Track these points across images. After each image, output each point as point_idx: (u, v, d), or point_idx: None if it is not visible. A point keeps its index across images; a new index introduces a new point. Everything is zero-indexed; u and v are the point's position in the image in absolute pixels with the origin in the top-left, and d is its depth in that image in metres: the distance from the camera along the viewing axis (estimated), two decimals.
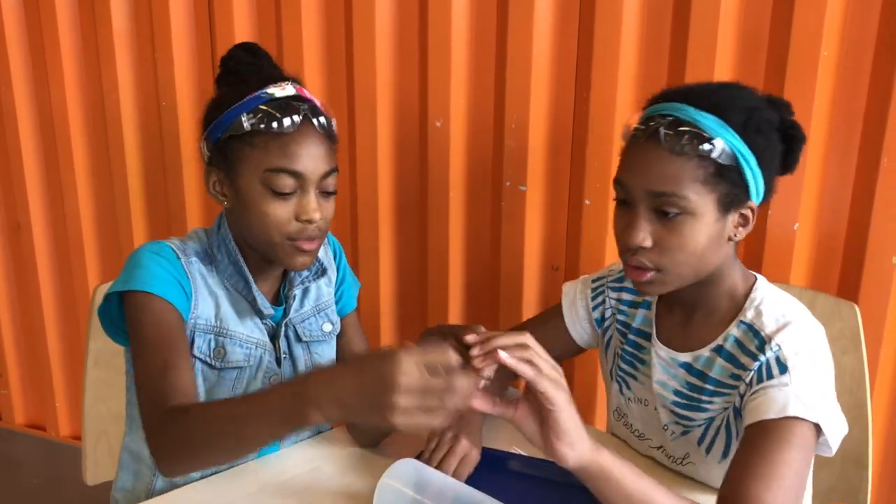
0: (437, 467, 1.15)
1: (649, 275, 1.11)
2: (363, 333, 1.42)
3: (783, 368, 1.07)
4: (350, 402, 0.88)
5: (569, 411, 0.95)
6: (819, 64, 1.44)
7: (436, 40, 1.72)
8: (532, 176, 1.72)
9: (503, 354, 0.93)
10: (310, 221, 1.15)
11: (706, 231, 1.08)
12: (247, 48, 1.25)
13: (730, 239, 1.11)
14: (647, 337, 1.27)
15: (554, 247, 1.78)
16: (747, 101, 1.09)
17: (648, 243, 1.08)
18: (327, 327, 1.34)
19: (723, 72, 1.51)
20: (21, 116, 2.24)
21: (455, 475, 1.15)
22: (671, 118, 1.07)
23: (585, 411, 1.83)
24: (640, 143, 1.09)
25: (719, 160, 1.05)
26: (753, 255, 1.56)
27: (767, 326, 1.11)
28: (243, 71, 1.20)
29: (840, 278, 1.54)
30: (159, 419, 1.03)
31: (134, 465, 1.28)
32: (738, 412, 1.12)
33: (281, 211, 1.14)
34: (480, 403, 0.98)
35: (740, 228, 1.12)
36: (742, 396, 1.11)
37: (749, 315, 1.14)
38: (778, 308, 1.14)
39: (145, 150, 2.12)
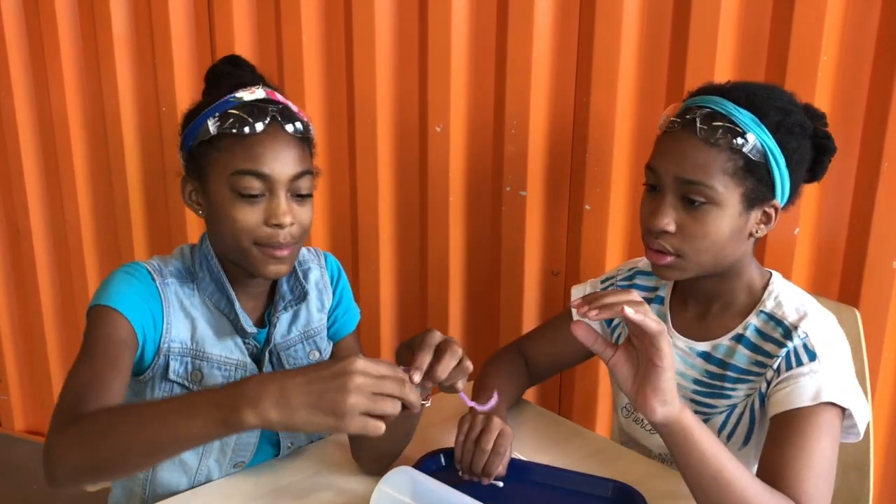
0: (476, 446, 1.14)
1: (669, 259, 1.14)
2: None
3: (812, 355, 1.11)
4: (295, 403, 0.85)
5: (672, 371, 0.97)
6: (819, 68, 1.43)
7: (436, 45, 1.71)
8: (532, 181, 1.72)
9: (629, 311, 0.93)
10: (279, 226, 1.10)
11: (729, 223, 1.12)
12: (230, 60, 1.22)
13: (751, 235, 1.16)
14: None
15: (554, 252, 1.77)
16: (784, 104, 1.14)
17: (672, 228, 1.12)
18: (314, 356, 1.28)
19: (723, 77, 1.50)
20: (21, 121, 2.24)
21: (495, 449, 1.14)
22: (708, 110, 1.11)
23: (586, 412, 1.83)
24: (676, 131, 1.13)
25: (750, 155, 1.09)
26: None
27: (789, 316, 1.16)
28: (223, 82, 1.17)
29: (841, 283, 1.54)
30: (60, 423, 0.96)
31: (126, 480, 1.26)
32: (763, 398, 1.15)
33: (249, 216, 1.10)
34: (583, 334, 1.00)
35: (762, 226, 1.16)
36: (769, 383, 1.14)
37: (769, 305, 1.19)
38: (796, 299, 1.19)
39: (145, 155, 2.12)
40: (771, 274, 1.22)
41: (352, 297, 1.36)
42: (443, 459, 1.22)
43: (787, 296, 1.19)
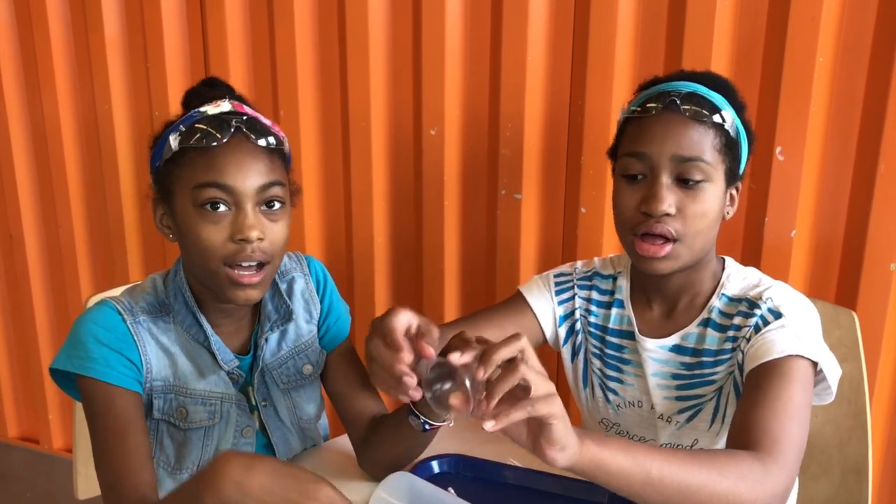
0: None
1: (668, 248, 1.13)
2: (359, 363, 1.29)
3: (777, 315, 1.13)
4: (253, 494, 0.84)
5: (564, 421, 0.90)
6: (815, 70, 1.43)
7: (430, 48, 1.71)
8: (527, 184, 1.71)
9: (486, 424, 0.85)
10: (246, 240, 1.04)
11: (718, 202, 1.15)
12: (208, 82, 1.18)
13: (723, 217, 1.18)
14: (629, 335, 1.27)
15: (550, 255, 1.77)
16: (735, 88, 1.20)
17: (673, 211, 1.12)
18: (307, 369, 1.25)
19: None
20: (13, 127, 2.23)
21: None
22: (686, 92, 1.13)
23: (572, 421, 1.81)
24: (657, 114, 1.13)
25: (730, 132, 1.13)
26: (751, 262, 1.54)
27: (750, 292, 1.18)
28: (198, 105, 1.13)
29: (838, 286, 1.53)
30: None
31: None
32: (741, 368, 1.15)
33: (214, 233, 1.04)
34: (460, 404, 0.90)
35: (730, 207, 1.19)
36: (743, 353, 1.14)
37: (728, 287, 1.21)
38: (753, 276, 1.23)
39: (138, 160, 2.11)
40: (724, 258, 1.25)
41: (340, 300, 1.32)
42: (440, 465, 1.22)
43: (743, 274, 1.23)
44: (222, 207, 1.04)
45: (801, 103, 1.45)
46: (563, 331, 1.33)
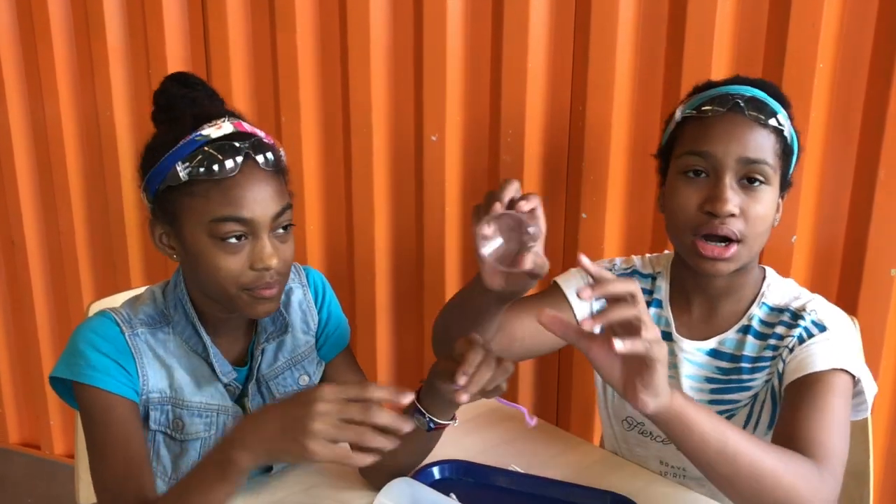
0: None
1: (733, 249, 1.13)
2: (359, 372, 1.31)
3: (822, 328, 1.14)
4: (272, 437, 0.89)
5: (664, 368, 0.91)
6: (815, 76, 1.43)
7: (431, 54, 1.71)
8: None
9: (617, 343, 0.86)
10: (266, 269, 1.06)
11: (774, 206, 1.16)
12: (179, 79, 1.15)
13: (772, 224, 1.18)
14: (666, 336, 1.27)
15: (551, 260, 1.74)
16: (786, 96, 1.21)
17: (737, 211, 1.12)
18: (304, 380, 1.25)
19: None
20: (15, 133, 2.23)
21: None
22: (748, 95, 1.14)
23: (584, 423, 1.82)
24: (722, 115, 1.14)
25: (787, 139, 1.14)
26: None
27: (793, 303, 1.19)
28: (177, 105, 1.11)
29: (838, 291, 1.53)
30: None
31: None
32: (780, 377, 1.16)
33: (233, 263, 1.05)
34: (551, 322, 0.91)
35: (777, 215, 1.19)
36: (785, 361, 1.15)
37: (769, 296, 1.21)
38: (793, 287, 1.24)
39: None
40: (764, 267, 1.26)
41: (340, 311, 1.32)
42: (441, 471, 1.22)
43: (784, 285, 1.24)
44: (240, 238, 1.05)
45: (801, 109, 1.44)
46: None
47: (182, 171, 1.04)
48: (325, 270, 1.64)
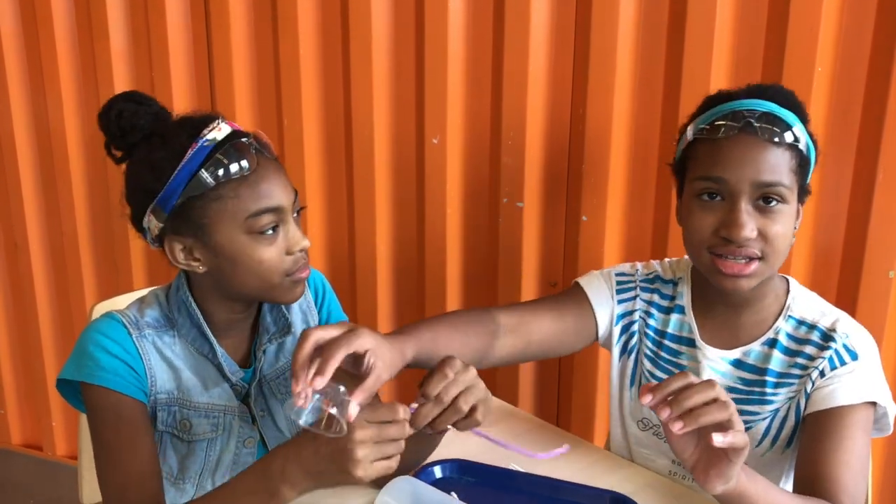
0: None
1: (754, 266, 1.13)
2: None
3: (854, 355, 1.15)
4: (315, 469, 0.93)
5: (742, 459, 0.94)
6: (814, 79, 1.44)
7: (432, 57, 1.72)
8: (529, 192, 1.72)
9: (718, 438, 0.89)
10: (302, 250, 1.11)
11: (793, 220, 1.15)
12: (129, 98, 1.11)
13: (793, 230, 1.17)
14: (689, 342, 1.27)
15: (552, 263, 1.77)
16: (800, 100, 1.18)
17: (754, 235, 1.12)
18: None
19: (718, 88, 1.51)
20: (18, 135, 2.24)
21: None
22: (759, 112, 1.12)
23: (584, 422, 1.82)
24: (735, 136, 1.12)
25: (803, 151, 1.13)
26: None
27: (821, 320, 1.19)
28: (140, 123, 1.09)
29: (837, 293, 1.54)
30: None
31: None
32: (808, 397, 1.16)
33: (273, 253, 1.09)
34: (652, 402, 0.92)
35: (797, 221, 1.18)
36: (813, 382, 1.15)
37: (795, 309, 1.21)
38: (818, 302, 1.24)
39: None
40: (787, 277, 1.25)
41: (340, 310, 1.33)
42: (442, 470, 1.22)
43: (809, 299, 1.23)
44: (275, 230, 1.09)
45: None
46: (617, 329, 1.33)
47: (208, 176, 1.05)
48: (327, 272, 1.64)
